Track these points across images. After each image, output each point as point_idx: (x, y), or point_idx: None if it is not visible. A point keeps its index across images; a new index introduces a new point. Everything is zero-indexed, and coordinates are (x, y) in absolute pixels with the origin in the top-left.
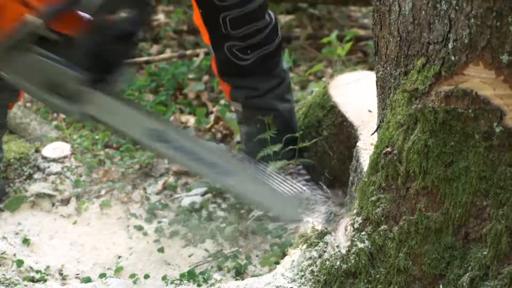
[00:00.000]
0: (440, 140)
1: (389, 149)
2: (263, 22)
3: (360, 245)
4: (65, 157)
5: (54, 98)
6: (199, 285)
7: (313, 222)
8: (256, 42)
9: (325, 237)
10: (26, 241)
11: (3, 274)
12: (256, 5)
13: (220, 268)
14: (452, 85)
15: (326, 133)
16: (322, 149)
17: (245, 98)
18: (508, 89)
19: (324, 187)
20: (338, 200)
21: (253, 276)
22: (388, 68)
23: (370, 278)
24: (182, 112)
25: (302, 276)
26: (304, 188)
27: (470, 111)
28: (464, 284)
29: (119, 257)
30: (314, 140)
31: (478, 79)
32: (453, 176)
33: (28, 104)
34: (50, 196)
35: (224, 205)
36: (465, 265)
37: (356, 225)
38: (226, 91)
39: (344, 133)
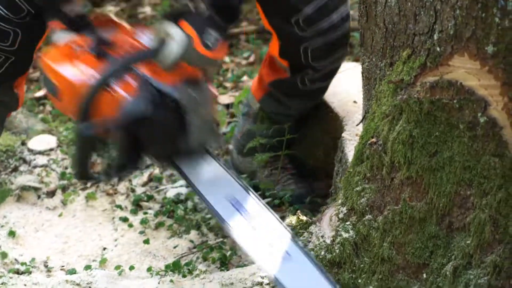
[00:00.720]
0: (424, 131)
1: (374, 139)
2: (342, 52)
3: (345, 235)
4: (51, 149)
5: None
6: (184, 276)
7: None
8: (328, 72)
9: (310, 227)
10: (11, 234)
11: None
12: (339, 35)
13: (205, 259)
14: (437, 76)
15: (312, 124)
16: (310, 140)
17: (271, 111)
18: (493, 80)
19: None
20: (322, 191)
21: (237, 266)
22: (373, 59)
23: (354, 268)
24: None
25: None
26: None
27: (455, 101)
28: (447, 273)
29: (104, 248)
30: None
31: (463, 70)
32: (437, 166)
33: None
34: (35, 188)
35: None
36: (449, 254)
37: (340, 215)
38: (258, 91)
39: (330, 124)
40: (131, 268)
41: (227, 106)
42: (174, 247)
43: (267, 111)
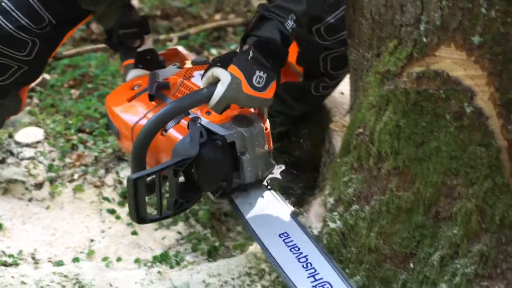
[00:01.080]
0: (411, 121)
1: (361, 130)
2: None
3: (332, 225)
4: (38, 142)
5: None
6: (171, 267)
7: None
8: (341, 79)
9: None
10: None
11: None
12: None
13: (193, 250)
14: (423, 66)
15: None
16: (298, 132)
17: (273, 110)
18: (479, 70)
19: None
20: (310, 183)
21: (225, 257)
22: (360, 51)
23: (341, 258)
24: None
25: None
26: None
27: (441, 91)
28: (434, 262)
29: (92, 240)
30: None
31: (450, 60)
32: (424, 156)
33: None
34: (23, 181)
35: None
36: (436, 244)
37: (328, 206)
38: None
39: (317, 115)
40: (119, 259)
41: None
42: (162, 239)
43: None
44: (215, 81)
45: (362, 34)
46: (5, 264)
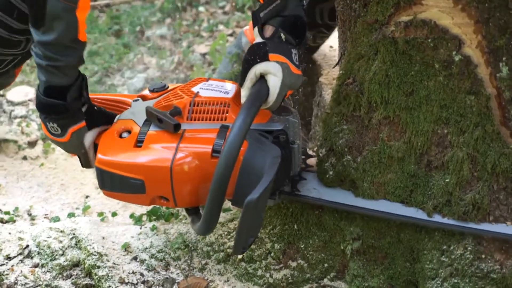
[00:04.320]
0: (400, 70)
1: (350, 80)
2: None
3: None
4: (29, 100)
5: None
6: (167, 219)
7: None
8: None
9: None
10: None
11: None
12: None
13: None
14: (411, 15)
15: None
16: None
17: None
18: (466, 18)
19: None
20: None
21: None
22: (348, 1)
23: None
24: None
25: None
26: None
27: (429, 40)
28: (428, 211)
29: (87, 196)
30: None
31: (437, 9)
32: (414, 105)
33: None
34: (15, 140)
35: None
36: (428, 193)
37: (320, 157)
38: None
39: (307, 69)
40: (114, 214)
41: (204, 55)
42: None
43: None
44: (258, 79)
45: None
46: (1, 221)
